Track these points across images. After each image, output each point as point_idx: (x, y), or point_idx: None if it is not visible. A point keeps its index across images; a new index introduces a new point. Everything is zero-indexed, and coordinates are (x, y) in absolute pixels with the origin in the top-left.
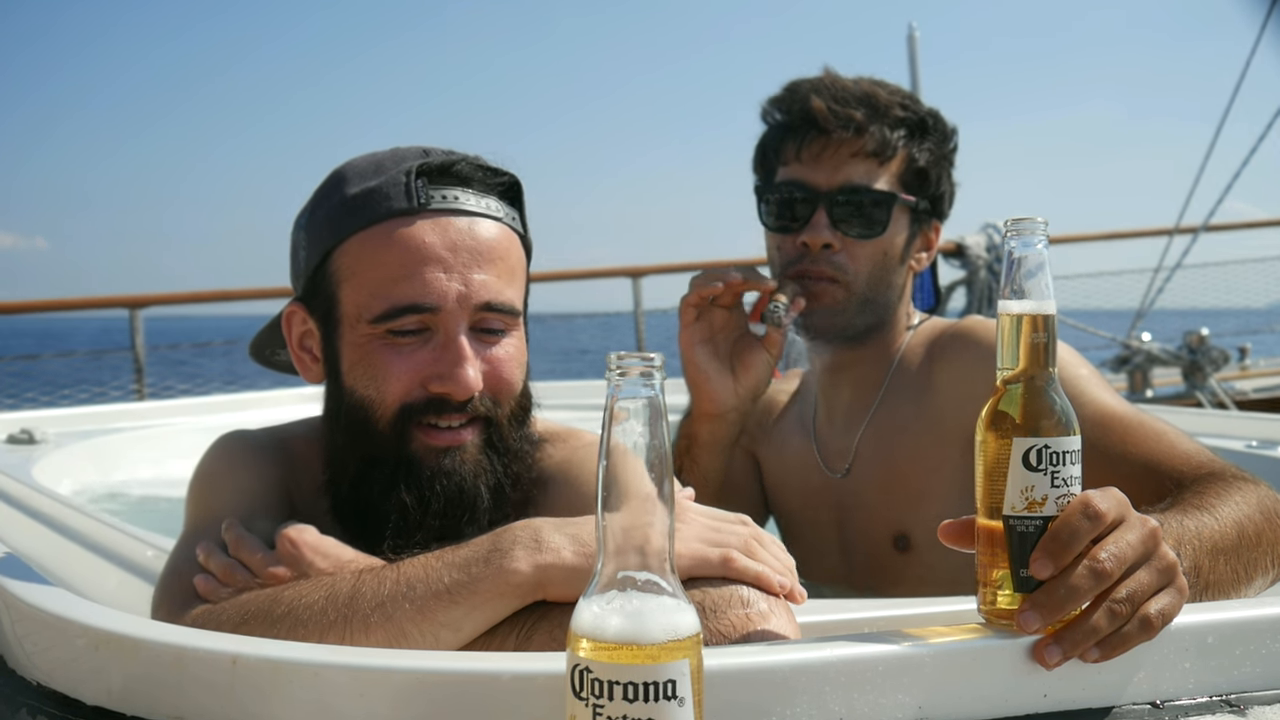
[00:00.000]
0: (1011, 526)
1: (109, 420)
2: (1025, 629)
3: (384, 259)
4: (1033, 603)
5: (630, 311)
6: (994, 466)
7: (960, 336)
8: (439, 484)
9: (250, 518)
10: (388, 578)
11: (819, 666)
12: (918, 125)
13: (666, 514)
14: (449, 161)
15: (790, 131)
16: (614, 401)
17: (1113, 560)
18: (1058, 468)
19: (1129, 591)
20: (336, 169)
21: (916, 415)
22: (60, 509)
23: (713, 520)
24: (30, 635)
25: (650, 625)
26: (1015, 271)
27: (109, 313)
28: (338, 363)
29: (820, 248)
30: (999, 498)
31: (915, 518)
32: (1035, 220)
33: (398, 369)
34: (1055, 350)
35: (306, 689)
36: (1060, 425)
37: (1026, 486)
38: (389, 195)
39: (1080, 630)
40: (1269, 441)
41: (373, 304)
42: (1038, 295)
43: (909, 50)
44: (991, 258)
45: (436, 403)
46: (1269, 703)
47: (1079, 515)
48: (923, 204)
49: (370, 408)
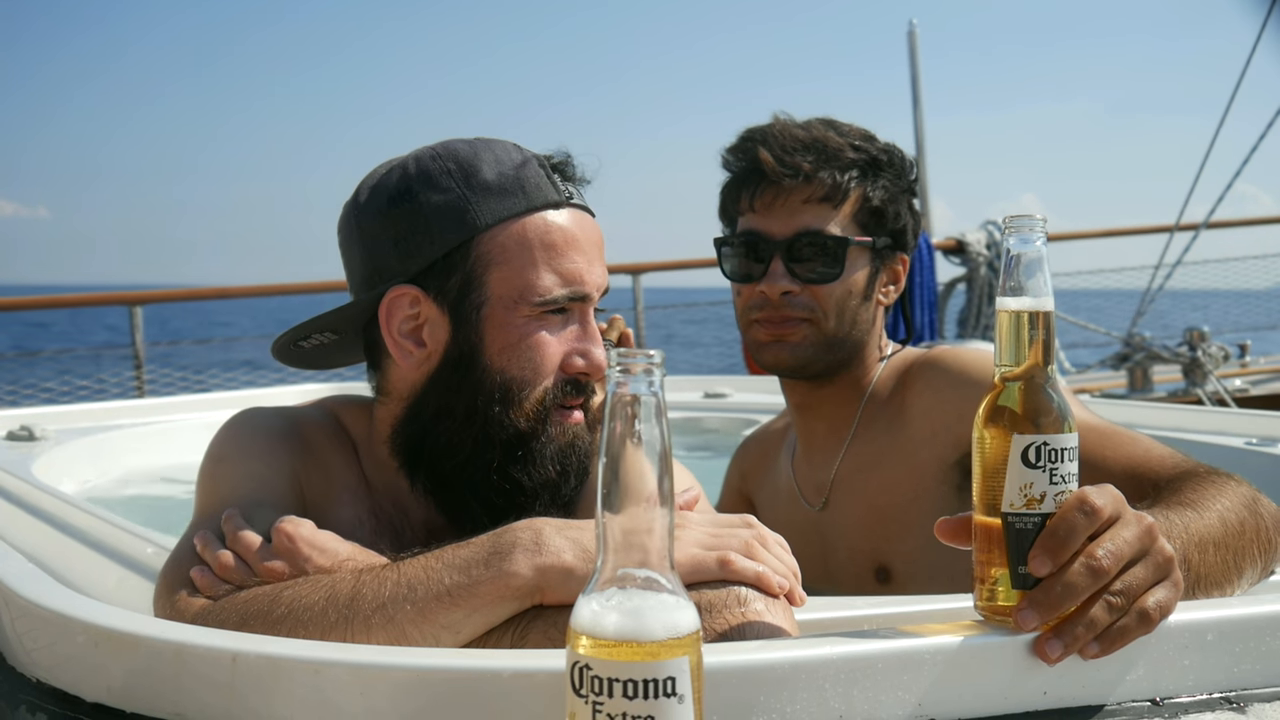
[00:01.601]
0: (1010, 524)
1: (109, 417)
2: (1024, 626)
3: (544, 246)
4: (1030, 600)
5: (630, 308)
6: (992, 463)
7: (930, 365)
8: (574, 458)
9: (256, 505)
10: (388, 579)
11: (818, 664)
12: (870, 164)
13: (667, 512)
14: (565, 160)
15: (743, 183)
16: (614, 398)
17: (1110, 557)
18: (1056, 465)
19: (1125, 585)
20: (440, 153)
21: (891, 447)
22: (60, 506)
23: (711, 524)
24: (30, 632)
25: (650, 622)
26: (1014, 268)
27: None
28: (479, 344)
29: (779, 295)
30: (997, 495)
31: (894, 550)
32: (1034, 217)
33: (552, 349)
34: (1054, 347)
35: (307, 686)
36: (1058, 422)
37: (1025, 484)
38: (539, 185)
39: (1079, 625)
40: (1269, 439)
41: (537, 287)
42: (1036, 292)
43: (909, 46)
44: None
45: (574, 382)
46: (1269, 700)
47: (1076, 512)
48: (881, 241)
49: (523, 385)
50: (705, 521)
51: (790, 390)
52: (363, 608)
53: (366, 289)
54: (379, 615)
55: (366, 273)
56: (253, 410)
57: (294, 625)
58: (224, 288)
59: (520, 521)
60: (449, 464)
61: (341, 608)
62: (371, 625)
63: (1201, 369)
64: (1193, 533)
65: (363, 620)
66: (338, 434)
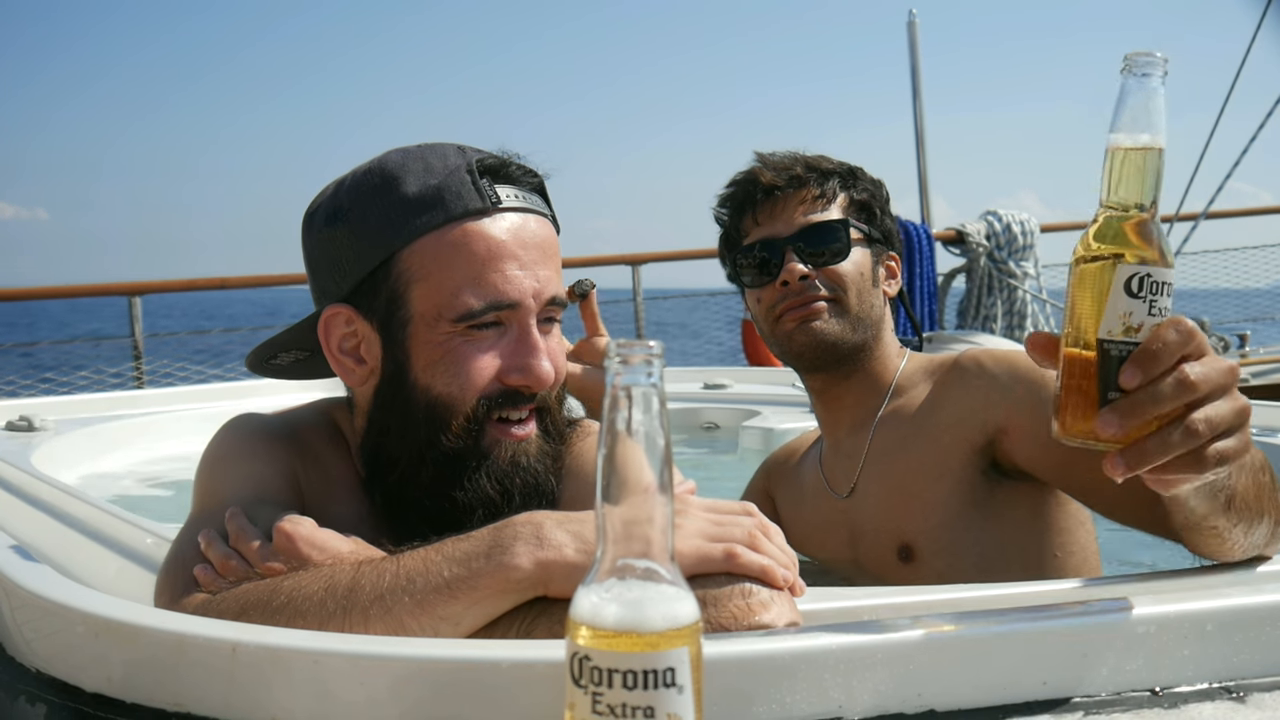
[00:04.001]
0: (1105, 350)
1: (108, 407)
2: (1102, 432)
3: (464, 258)
4: (1114, 408)
5: (629, 299)
6: (1093, 293)
7: (961, 362)
8: (518, 476)
9: (257, 504)
10: (387, 570)
11: (818, 654)
12: (849, 173)
13: (666, 502)
14: (503, 161)
15: (745, 207)
16: (614, 389)
17: (1200, 376)
18: (1156, 296)
19: (1207, 416)
20: (373, 167)
21: (916, 432)
22: (60, 496)
23: (714, 513)
24: (30, 622)
25: (650, 613)
26: (1127, 104)
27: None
28: (405, 362)
29: (799, 279)
30: (1094, 322)
31: (918, 527)
32: (1154, 55)
33: (479, 364)
34: (1161, 185)
35: (306, 676)
36: (1162, 256)
37: (1126, 312)
38: (460, 194)
39: (1153, 443)
40: (1269, 429)
41: (455, 303)
42: (1149, 129)
43: (909, 36)
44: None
45: (511, 395)
46: (1269, 689)
47: (1171, 330)
48: (875, 232)
49: (449, 404)
50: (707, 506)
51: (815, 383)
52: (361, 599)
53: (316, 307)
54: (377, 606)
55: (315, 292)
56: (249, 414)
57: (292, 615)
58: (223, 278)
59: (520, 515)
60: (392, 477)
61: (340, 598)
62: (370, 616)
63: None
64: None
65: (360, 611)
66: (334, 435)
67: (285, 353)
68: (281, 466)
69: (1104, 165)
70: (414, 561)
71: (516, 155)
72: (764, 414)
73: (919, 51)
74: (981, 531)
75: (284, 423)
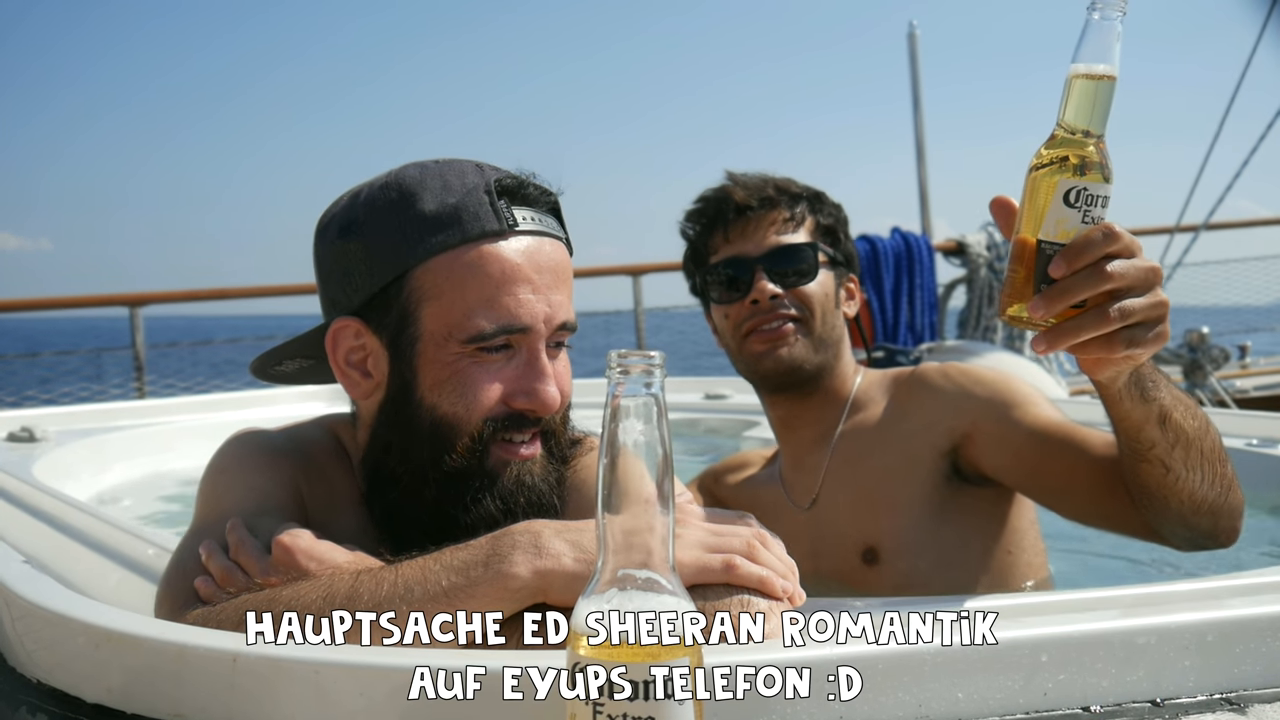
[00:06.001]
0: (1042, 249)
1: (109, 418)
2: (1033, 313)
3: (478, 279)
4: (1043, 295)
5: (630, 310)
6: (1038, 199)
7: (922, 373)
8: (523, 495)
9: (258, 516)
10: (385, 579)
11: (818, 665)
12: (815, 197)
13: (667, 512)
14: (521, 181)
15: (715, 224)
16: (615, 400)
17: (1117, 269)
18: (1090, 208)
19: (1122, 305)
20: (390, 181)
21: (880, 440)
22: (60, 507)
23: (714, 524)
24: (31, 633)
25: (651, 624)
26: (1088, 38)
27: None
28: (412, 380)
29: (769, 299)
30: (1036, 224)
31: (882, 529)
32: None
33: (487, 386)
34: (1108, 117)
35: (306, 686)
36: (1099, 174)
37: (1061, 219)
38: (477, 215)
39: (1070, 323)
40: (1269, 440)
41: (466, 324)
42: (1105, 60)
43: (909, 48)
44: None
45: (516, 418)
46: (1269, 701)
47: (1099, 232)
48: (838, 255)
49: (454, 424)
50: (705, 518)
51: (776, 406)
52: (359, 608)
53: (325, 317)
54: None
55: (325, 302)
56: (253, 429)
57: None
58: (223, 288)
59: (518, 524)
60: (393, 494)
61: (337, 607)
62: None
63: (1202, 370)
64: (1176, 392)
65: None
66: (336, 450)
67: (290, 360)
68: (284, 480)
69: (1063, 90)
70: (412, 570)
71: (533, 174)
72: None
73: (919, 63)
74: (940, 533)
75: (288, 437)
